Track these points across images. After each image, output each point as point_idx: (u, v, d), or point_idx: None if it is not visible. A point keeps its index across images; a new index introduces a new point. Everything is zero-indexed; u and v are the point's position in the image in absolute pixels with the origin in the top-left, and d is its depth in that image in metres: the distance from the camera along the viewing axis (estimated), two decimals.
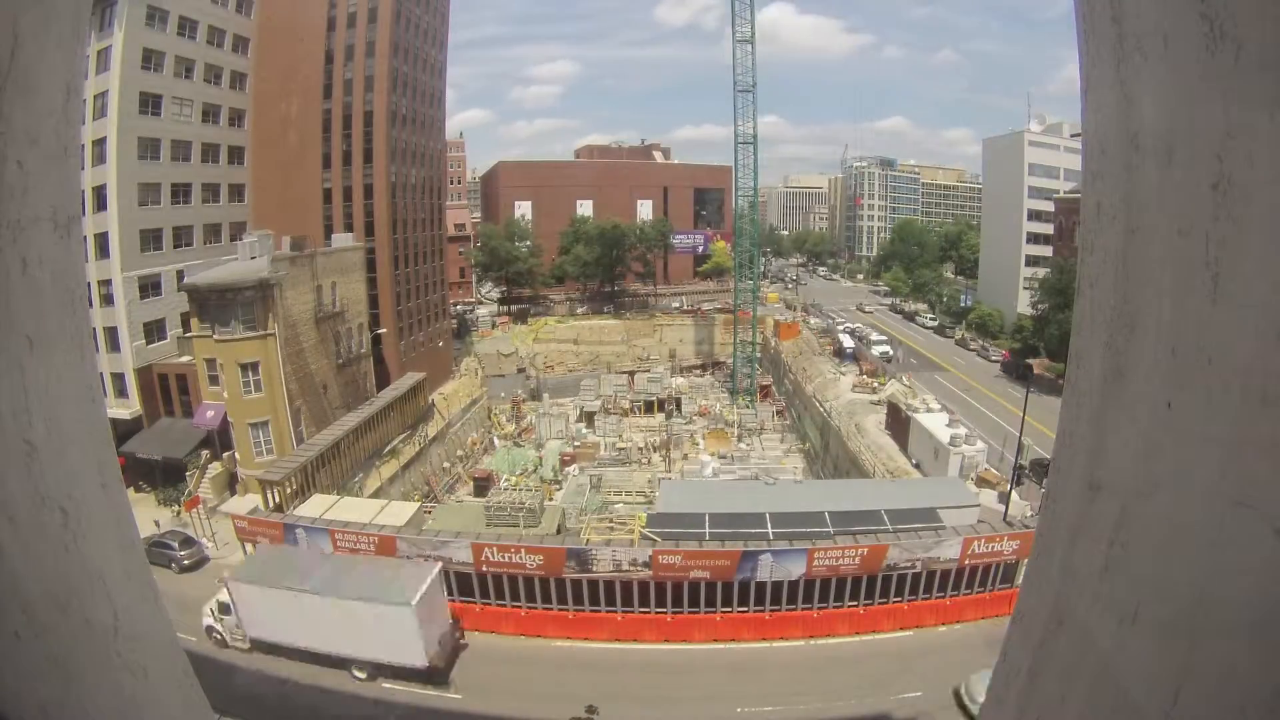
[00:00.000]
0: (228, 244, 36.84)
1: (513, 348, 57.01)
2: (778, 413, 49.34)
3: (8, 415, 1.44)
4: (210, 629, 20.03)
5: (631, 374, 55.82)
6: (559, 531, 23.85)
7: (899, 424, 33.37)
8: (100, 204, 31.55)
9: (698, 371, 59.92)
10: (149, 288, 33.72)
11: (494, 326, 61.05)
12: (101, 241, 31.68)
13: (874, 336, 57.60)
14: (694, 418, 49.06)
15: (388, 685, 18.61)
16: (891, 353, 51.93)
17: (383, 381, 39.13)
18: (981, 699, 16.25)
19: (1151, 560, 1.31)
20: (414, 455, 36.92)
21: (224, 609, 19.77)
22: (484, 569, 21.33)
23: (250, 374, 29.76)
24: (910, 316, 71.60)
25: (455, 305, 59.64)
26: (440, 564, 20.38)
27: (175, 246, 35.46)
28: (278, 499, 26.15)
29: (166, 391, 33.63)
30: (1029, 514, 23.95)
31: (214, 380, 30.28)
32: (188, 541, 25.45)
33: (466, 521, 24.31)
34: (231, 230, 38.50)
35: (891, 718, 17.24)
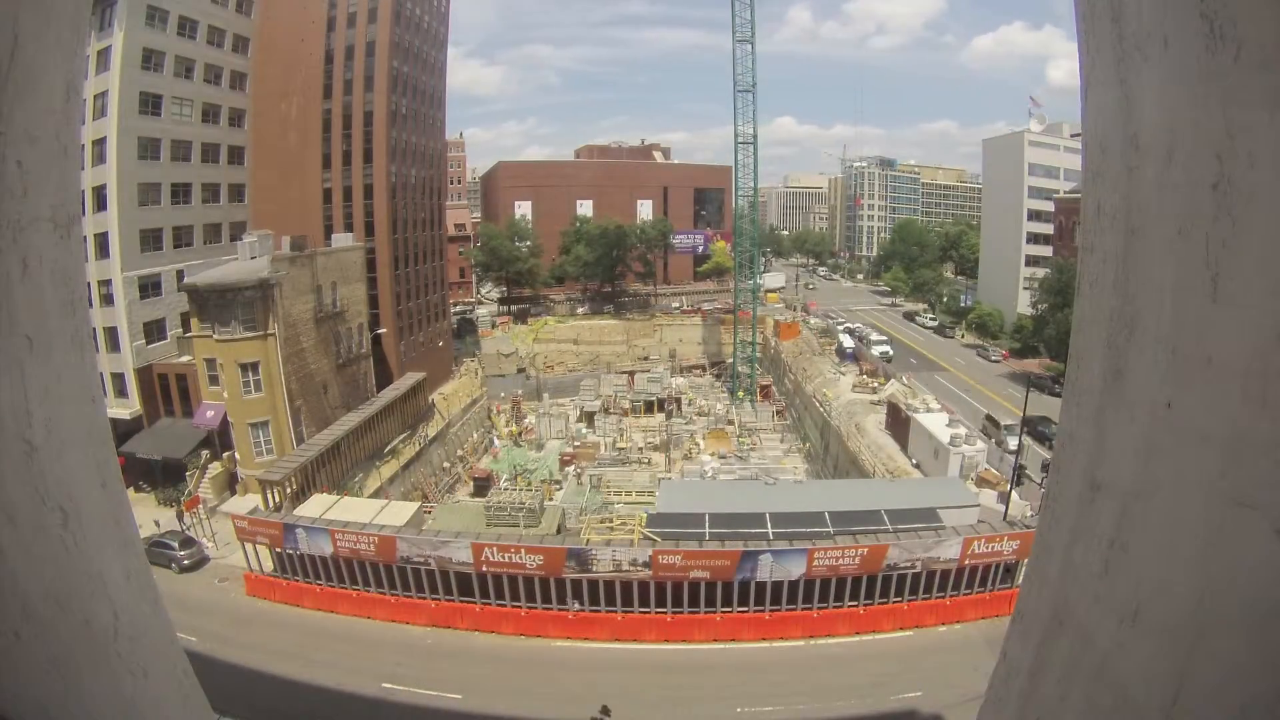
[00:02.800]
0: (228, 244, 36.84)
1: (513, 348, 57.01)
2: (778, 413, 49.33)
3: (8, 415, 1.44)
4: None
5: (631, 374, 55.81)
6: (559, 531, 23.86)
7: (899, 424, 33.37)
8: (100, 204, 31.54)
9: (698, 371, 59.90)
10: (149, 288, 33.71)
11: (494, 326, 61.03)
12: (101, 241, 31.67)
13: (874, 336, 57.14)
14: (694, 418, 49.04)
15: (387, 686, 18.61)
16: (891, 352, 51.52)
17: (383, 381, 39.12)
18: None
19: (1151, 560, 1.31)
20: (414, 455, 36.92)
21: None
22: (484, 569, 21.33)
23: (250, 374, 29.76)
24: (910, 316, 71.57)
25: (455, 305, 59.62)
26: None
27: (175, 246, 35.45)
28: (278, 499, 26.15)
29: (166, 391, 33.63)
30: (1029, 514, 23.96)
31: (214, 380, 30.28)
32: (188, 541, 25.46)
33: (466, 521, 24.33)
34: (231, 230, 38.50)
35: (892, 718, 17.24)
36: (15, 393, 1.46)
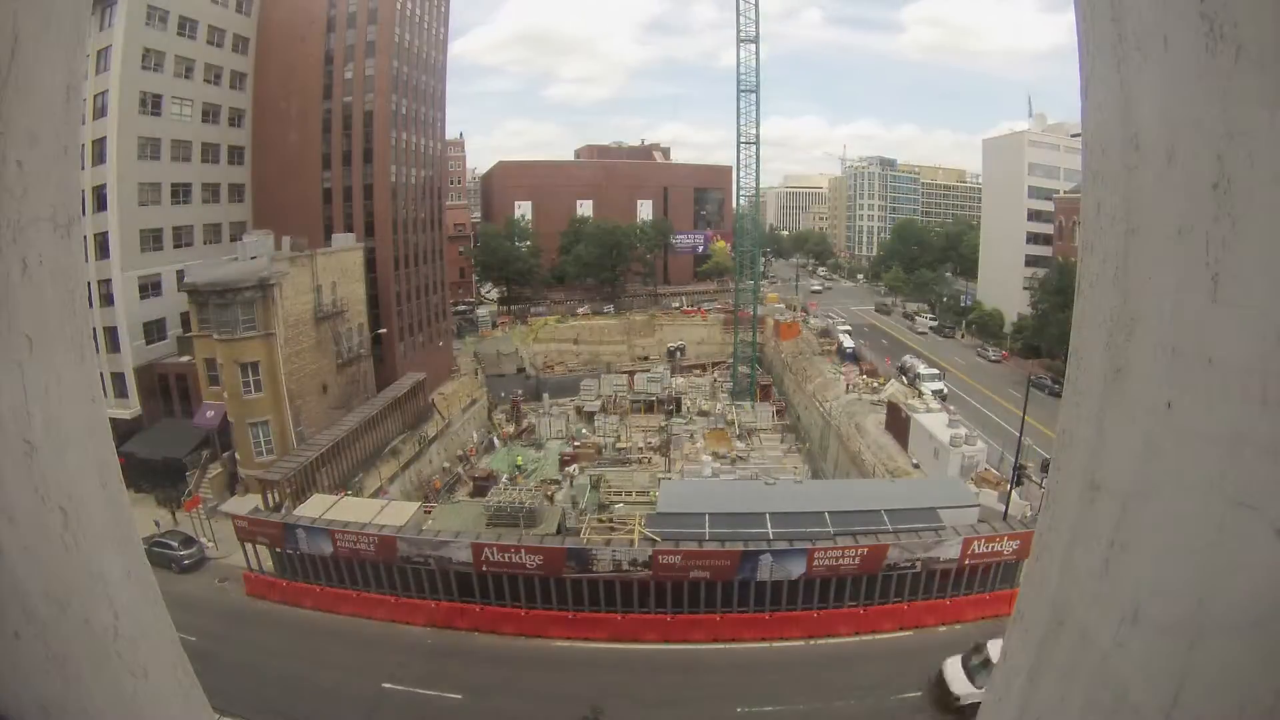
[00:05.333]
0: (228, 244, 36.88)
1: (513, 348, 57.02)
2: (778, 413, 49.34)
3: (8, 415, 1.44)
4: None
5: (631, 374, 55.82)
6: (559, 531, 23.85)
7: (899, 424, 33.37)
8: (100, 204, 31.57)
9: (698, 371, 59.90)
10: (149, 287, 33.74)
11: (494, 326, 61.03)
12: (101, 241, 31.69)
13: (922, 369, 44.30)
14: (694, 418, 49.05)
15: (387, 686, 18.61)
16: (945, 390, 41.08)
17: (383, 381, 39.12)
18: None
19: (1151, 560, 1.31)
20: (414, 455, 36.92)
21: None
22: (484, 569, 21.33)
23: (250, 374, 29.77)
24: (910, 316, 71.51)
25: (455, 305, 59.64)
26: None
27: (175, 246, 35.49)
28: (278, 499, 26.15)
29: (166, 391, 33.64)
30: (1029, 514, 23.96)
31: (214, 380, 30.29)
32: (188, 541, 25.47)
33: (466, 521, 24.32)
34: (231, 230, 38.53)
35: (891, 718, 17.24)
36: (15, 393, 1.46)
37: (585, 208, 71.33)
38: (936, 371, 44.51)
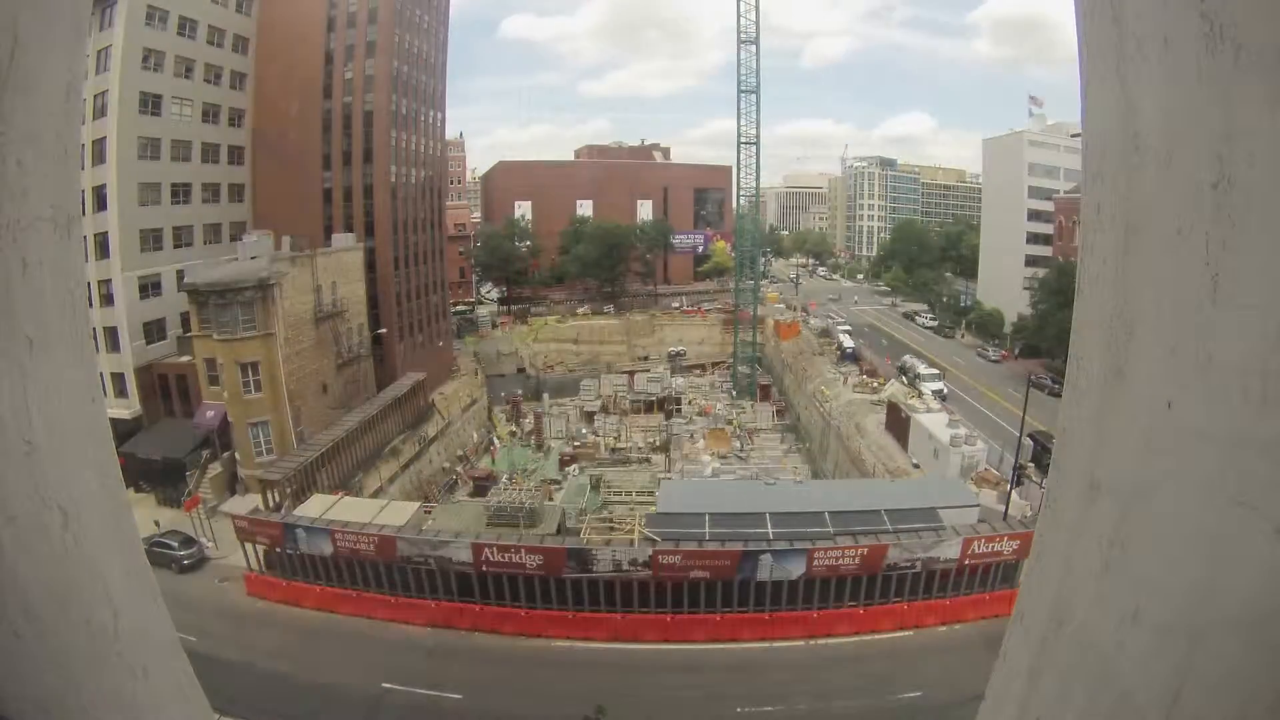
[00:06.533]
0: (228, 244, 36.87)
1: (513, 348, 57.04)
2: (778, 413, 49.35)
3: (8, 415, 1.44)
4: None
5: (631, 374, 55.83)
6: (559, 531, 23.84)
7: (899, 424, 33.37)
8: (100, 204, 31.56)
9: (698, 371, 59.92)
10: (149, 288, 33.73)
11: (494, 326, 61.03)
12: (101, 241, 31.68)
13: (922, 369, 44.04)
14: (694, 418, 49.07)
15: (387, 686, 18.61)
16: (945, 390, 41.01)
17: (383, 381, 39.12)
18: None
19: (1151, 560, 1.31)
20: (414, 455, 36.92)
21: None
22: (484, 569, 21.33)
23: (250, 374, 29.77)
24: (910, 316, 71.48)
25: (455, 305, 59.65)
26: None
27: (175, 246, 35.47)
28: (278, 499, 26.15)
29: (166, 391, 33.63)
30: (1029, 514, 23.96)
31: (214, 380, 30.28)
32: (188, 541, 25.46)
33: (466, 521, 24.32)
34: (231, 230, 38.52)
35: (892, 717, 17.24)
36: (15, 393, 1.46)
37: (585, 208, 71.33)
38: (936, 371, 44.22)
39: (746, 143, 51.10)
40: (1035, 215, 60.09)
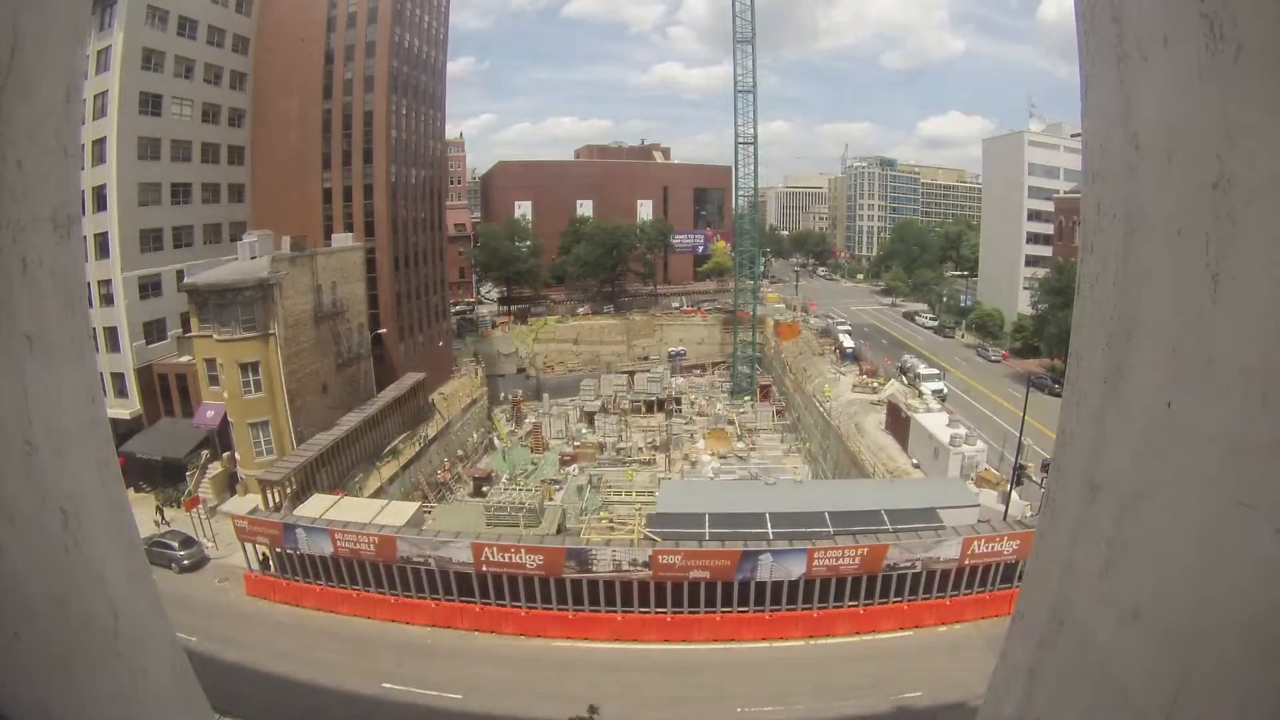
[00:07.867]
0: (228, 244, 36.84)
1: (513, 348, 57.02)
2: (778, 413, 49.35)
3: (8, 415, 1.44)
4: None
5: (631, 374, 55.82)
6: (559, 531, 23.86)
7: (899, 424, 33.37)
8: (100, 204, 31.54)
9: (698, 371, 59.92)
10: (149, 288, 33.71)
11: (494, 326, 61.03)
12: (101, 241, 31.67)
13: (923, 369, 43.70)
14: (694, 418, 49.06)
15: (387, 686, 18.61)
16: (945, 391, 40.59)
17: (383, 381, 39.11)
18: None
19: (1151, 560, 1.31)
20: (414, 455, 36.92)
21: None
22: (484, 569, 21.33)
23: (250, 374, 29.77)
24: (910, 316, 71.44)
25: (455, 305, 59.62)
26: None
27: (175, 246, 35.46)
28: (278, 499, 26.15)
29: (166, 391, 33.63)
30: (1029, 514, 23.96)
31: (214, 380, 30.27)
32: (188, 541, 25.46)
33: (466, 521, 24.33)
34: (231, 230, 38.50)
35: (891, 717, 17.24)
36: (15, 393, 1.46)
37: (585, 208, 71.32)
38: (936, 371, 43.96)
39: (744, 143, 51.08)
40: (1035, 215, 60.08)
